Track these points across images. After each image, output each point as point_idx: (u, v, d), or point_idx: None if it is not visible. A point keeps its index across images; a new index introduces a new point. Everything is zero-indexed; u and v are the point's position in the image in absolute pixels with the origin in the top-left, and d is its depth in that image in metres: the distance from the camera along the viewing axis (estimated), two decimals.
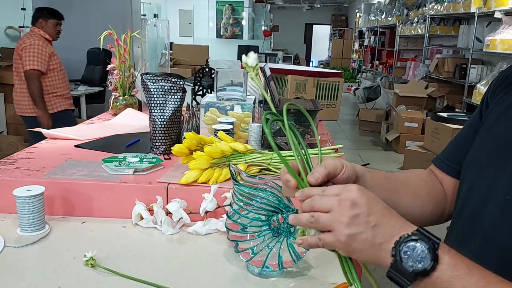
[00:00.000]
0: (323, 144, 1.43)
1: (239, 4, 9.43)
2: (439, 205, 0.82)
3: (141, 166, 1.13)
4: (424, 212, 0.80)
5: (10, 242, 0.92)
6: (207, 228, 0.99)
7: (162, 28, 2.08)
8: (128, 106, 1.92)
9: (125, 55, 1.92)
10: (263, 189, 0.80)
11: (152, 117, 1.29)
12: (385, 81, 8.38)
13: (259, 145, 1.30)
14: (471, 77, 4.82)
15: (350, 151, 5.48)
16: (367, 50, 11.36)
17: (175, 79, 1.29)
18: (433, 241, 0.54)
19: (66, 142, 1.44)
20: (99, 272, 0.82)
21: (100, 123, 1.82)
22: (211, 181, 1.07)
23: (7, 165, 1.17)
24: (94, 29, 3.40)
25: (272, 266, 0.82)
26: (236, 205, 0.82)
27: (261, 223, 0.80)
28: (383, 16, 9.48)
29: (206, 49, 6.32)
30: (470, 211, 0.71)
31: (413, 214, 0.78)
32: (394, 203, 0.71)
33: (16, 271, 0.82)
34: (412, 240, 0.55)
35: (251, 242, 0.80)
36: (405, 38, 8.01)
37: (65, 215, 1.06)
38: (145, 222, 1.01)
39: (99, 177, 1.09)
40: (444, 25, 6.16)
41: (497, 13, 4.04)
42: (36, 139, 1.55)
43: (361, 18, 12.59)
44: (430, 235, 0.55)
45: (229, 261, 0.88)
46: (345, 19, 16.97)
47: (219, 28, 9.49)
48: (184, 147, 1.12)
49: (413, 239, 0.55)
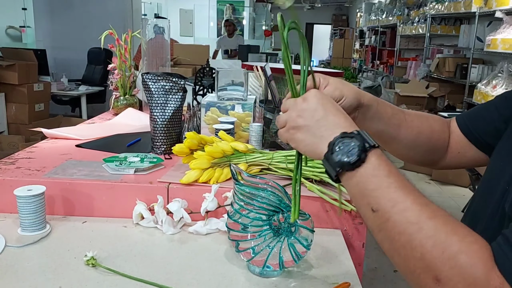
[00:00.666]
0: None
1: (239, 4, 9.44)
2: (434, 154, 0.87)
3: (142, 165, 1.13)
4: (415, 155, 0.86)
5: (11, 241, 0.92)
6: (208, 227, 0.99)
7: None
8: (129, 106, 1.92)
9: (126, 54, 1.92)
10: (264, 188, 0.80)
11: (153, 116, 1.29)
12: (386, 80, 8.37)
13: (260, 144, 1.30)
14: (472, 76, 4.82)
15: None
16: (368, 49, 11.35)
17: (176, 78, 1.29)
18: (366, 142, 0.58)
19: (67, 141, 1.44)
20: (100, 272, 0.82)
21: (101, 122, 1.82)
22: (212, 181, 1.07)
23: (8, 164, 1.17)
24: (95, 28, 3.41)
25: (273, 266, 0.81)
26: (237, 204, 0.82)
27: (262, 223, 0.79)
28: (384, 15, 9.48)
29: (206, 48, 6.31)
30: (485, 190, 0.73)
31: (404, 152, 0.85)
32: (390, 136, 0.81)
33: (17, 271, 0.82)
34: (349, 137, 0.59)
35: (252, 242, 0.80)
36: (406, 37, 8.00)
37: (66, 215, 1.06)
38: (146, 222, 1.01)
39: (100, 177, 1.09)
40: (445, 24, 6.16)
41: (498, 13, 4.04)
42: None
43: (362, 18, 12.59)
44: (368, 138, 0.59)
45: (230, 261, 0.88)
46: (346, 19, 16.97)
47: (219, 27, 9.50)
48: (185, 147, 1.12)
49: (350, 137, 0.59)
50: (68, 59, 5.90)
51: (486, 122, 0.80)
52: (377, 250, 2.82)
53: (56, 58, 5.81)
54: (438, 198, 3.88)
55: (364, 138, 0.59)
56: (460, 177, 4.09)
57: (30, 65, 4.71)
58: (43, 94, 4.87)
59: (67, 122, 4.42)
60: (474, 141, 0.82)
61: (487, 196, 0.70)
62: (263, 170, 1.14)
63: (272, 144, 1.35)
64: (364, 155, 0.58)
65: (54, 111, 5.27)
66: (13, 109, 4.70)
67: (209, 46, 6.40)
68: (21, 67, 4.57)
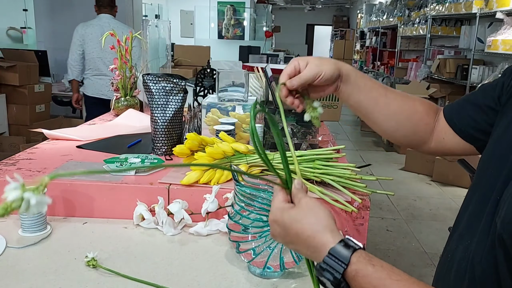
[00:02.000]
0: (325, 145, 1.43)
1: (240, 5, 9.44)
2: (416, 135, 0.87)
3: (142, 166, 1.13)
4: (395, 132, 0.87)
5: (12, 242, 0.92)
6: (208, 229, 0.99)
7: (163, 29, 2.08)
8: (129, 107, 1.93)
9: (127, 55, 1.92)
10: (265, 189, 0.80)
11: (153, 117, 1.29)
12: (386, 81, 8.37)
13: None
14: (473, 77, 4.81)
15: (351, 152, 5.47)
16: (368, 50, 11.35)
17: (176, 80, 1.29)
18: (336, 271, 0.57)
19: (68, 143, 1.44)
20: (101, 272, 0.82)
21: (102, 123, 1.82)
22: (212, 182, 1.07)
23: (9, 165, 1.17)
24: None
25: (274, 267, 0.81)
26: (238, 205, 0.82)
27: (263, 224, 0.79)
28: (385, 16, 9.48)
29: (207, 50, 6.32)
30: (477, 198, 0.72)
31: (383, 127, 0.86)
32: (367, 109, 0.83)
33: (17, 271, 0.82)
34: (321, 273, 0.58)
35: (253, 243, 0.80)
36: (407, 38, 8.00)
37: (67, 216, 1.06)
38: (146, 223, 1.01)
39: (101, 178, 1.09)
40: (446, 25, 6.15)
41: (498, 14, 4.04)
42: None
43: (362, 19, 12.59)
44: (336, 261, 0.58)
45: (230, 262, 0.88)
46: (346, 20, 16.97)
47: (220, 29, 9.50)
48: (185, 148, 1.12)
49: (321, 273, 0.58)
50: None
51: (469, 115, 0.81)
52: (378, 251, 2.82)
53: (57, 59, 5.81)
54: (439, 200, 3.88)
55: (333, 267, 0.58)
56: (461, 178, 4.09)
57: (31, 66, 4.72)
58: (44, 95, 4.87)
59: (68, 123, 4.42)
60: (459, 132, 0.83)
61: (481, 205, 0.69)
62: (264, 171, 1.14)
63: (273, 145, 1.35)
64: (344, 285, 0.57)
65: (55, 112, 5.27)
66: (14, 110, 4.70)
67: (209, 47, 6.41)
68: (22, 68, 4.57)
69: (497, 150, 0.70)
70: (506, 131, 0.70)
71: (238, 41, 8.85)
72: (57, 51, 5.82)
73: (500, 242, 0.59)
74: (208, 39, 9.10)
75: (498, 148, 0.70)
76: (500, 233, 0.59)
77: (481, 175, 0.73)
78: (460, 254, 0.68)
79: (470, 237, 0.68)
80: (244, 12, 9.45)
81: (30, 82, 4.69)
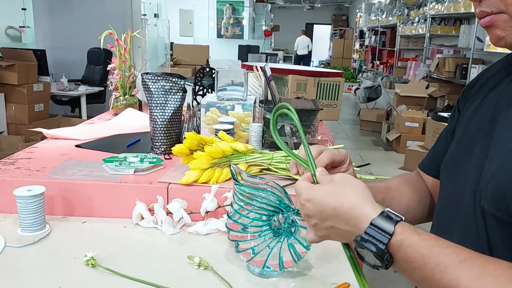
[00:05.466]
0: (324, 144, 1.43)
1: (239, 4, 9.44)
2: (422, 201, 0.89)
3: (141, 166, 1.13)
4: (415, 218, 0.88)
5: (11, 242, 0.92)
6: (207, 228, 0.99)
7: (162, 28, 2.08)
8: (128, 106, 1.92)
9: (126, 55, 1.92)
10: (264, 189, 0.79)
11: (152, 117, 1.29)
12: (385, 81, 8.37)
13: (259, 145, 1.30)
14: (472, 76, 4.81)
15: (351, 151, 5.48)
16: (367, 50, 11.36)
17: (175, 79, 1.29)
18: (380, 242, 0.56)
19: (67, 142, 1.44)
20: (100, 272, 0.82)
21: (101, 123, 1.82)
22: (211, 181, 1.07)
23: (8, 165, 1.16)
24: (95, 29, 3.40)
25: (273, 266, 0.81)
26: (237, 205, 0.82)
27: (262, 223, 0.79)
28: (384, 16, 9.48)
29: (206, 49, 6.32)
30: (449, 205, 0.76)
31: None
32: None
33: (16, 271, 0.82)
34: (361, 245, 0.58)
35: (252, 242, 0.80)
36: (406, 37, 8.00)
37: (66, 215, 1.06)
38: (145, 222, 1.01)
39: (100, 177, 1.09)
40: (445, 24, 6.16)
41: None
42: None
43: (361, 18, 12.60)
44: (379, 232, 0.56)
45: (229, 261, 0.88)
46: (345, 19, 16.98)
47: (219, 28, 9.50)
48: (184, 147, 1.12)
49: (362, 244, 0.57)
50: (68, 59, 5.90)
51: (443, 152, 0.83)
52: None
53: (55, 58, 5.80)
54: None
55: (376, 238, 0.56)
56: None
57: (30, 65, 4.71)
58: (42, 94, 4.87)
59: (66, 122, 4.42)
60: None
61: (454, 202, 0.73)
62: (263, 170, 1.14)
63: (272, 144, 1.35)
64: (388, 257, 0.56)
65: (53, 111, 5.27)
66: (12, 109, 4.70)
67: (208, 46, 6.41)
68: (20, 68, 4.57)
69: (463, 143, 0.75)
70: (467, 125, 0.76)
71: (237, 40, 8.85)
72: (56, 50, 5.82)
73: (492, 220, 0.62)
74: (207, 38, 9.09)
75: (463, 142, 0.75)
76: (490, 212, 0.62)
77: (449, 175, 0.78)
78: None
79: (450, 230, 0.73)
80: (243, 11, 9.44)
81: (29, 81, 4.69)
